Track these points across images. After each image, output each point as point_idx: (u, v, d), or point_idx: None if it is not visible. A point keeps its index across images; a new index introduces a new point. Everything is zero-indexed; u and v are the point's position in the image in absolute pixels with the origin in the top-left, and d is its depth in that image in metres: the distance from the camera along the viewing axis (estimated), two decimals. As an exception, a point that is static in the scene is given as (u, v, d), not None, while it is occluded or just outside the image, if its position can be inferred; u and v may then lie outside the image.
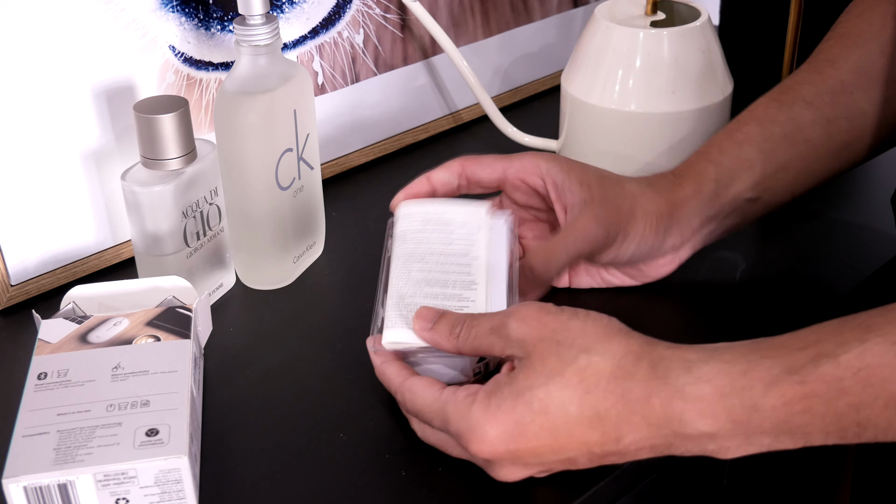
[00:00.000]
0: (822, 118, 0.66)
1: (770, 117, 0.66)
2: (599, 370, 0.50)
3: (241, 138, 0.67)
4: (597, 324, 0.52)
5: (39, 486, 0.51)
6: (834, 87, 0.66)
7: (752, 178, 0.66)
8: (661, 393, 0.49)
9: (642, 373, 0.49)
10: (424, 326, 0.56)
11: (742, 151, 0.66)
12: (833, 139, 0.66)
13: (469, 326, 0.54)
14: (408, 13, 0.87)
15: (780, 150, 0.66)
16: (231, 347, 0.67)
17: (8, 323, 0.70)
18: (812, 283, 0.72)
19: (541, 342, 0.51)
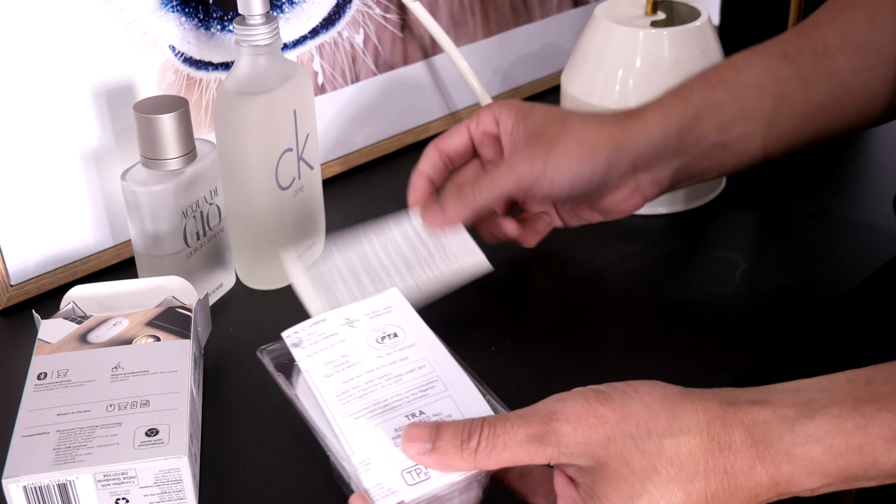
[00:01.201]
0: (800, 75, 0.65)
1: (748, 66, 0.65)
2: (692, 451, 0.44)
3: (241, 138, 0.67)
4: (655, 397, 0.46)
5: (39, 485, 0.50)
6: (816, 48, 0.65)
7: (719, 120, 0.64)
8: (766, 459, 0.44)
9: (738, 441, 0.45)
10: (422, 449, 0.46)
11: (713, 93, 0.65)
12: (810, 98, 0.65)
13: (492, 436, 0.45)
14: (408, 13, 0.87)
15: (752, 98, 0.65)
16: (231, 347, 0.67)
17: (8, 323, 0.70)
18: (812, 283, 0.72)
19: (611, 443, 0.44)
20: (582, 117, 0.65)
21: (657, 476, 0.44)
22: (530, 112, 0.65)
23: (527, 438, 0.45)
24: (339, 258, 0.65)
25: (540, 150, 0.63)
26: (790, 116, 0.65)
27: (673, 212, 0.81)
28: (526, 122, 0.65)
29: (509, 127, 0.65)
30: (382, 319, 0.54)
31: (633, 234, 0.79)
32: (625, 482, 0.44)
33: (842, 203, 0.82)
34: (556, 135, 0.63)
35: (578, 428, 0.44)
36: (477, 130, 0.67)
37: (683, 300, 0.71)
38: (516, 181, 0.63)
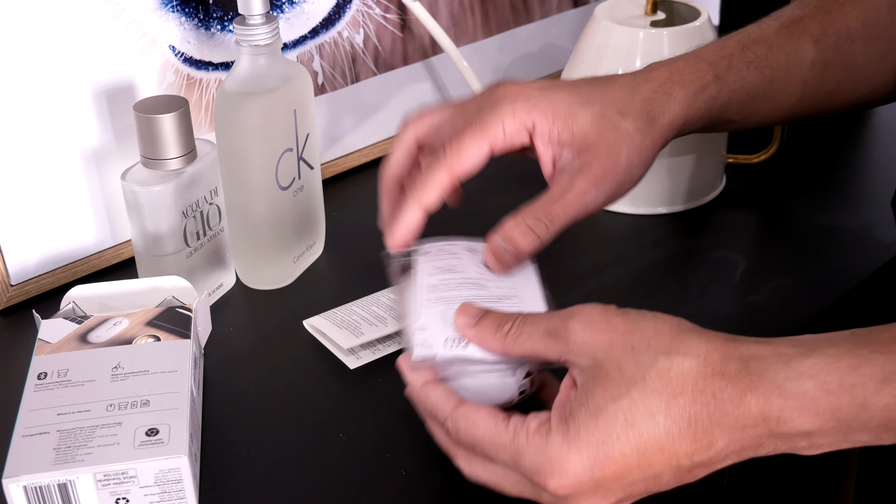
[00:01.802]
0: (821, 60, 0.64)
1: (779, 44, 0.64)
2: (684, 371, 0.45)
3: (241, 138, 0.67)
4: (668, 322, 0.47)
5: (39, 485, 0.51)
6: (839, 31, 0.64)
7: (744, 100, 0.63)
8: (758, 390, 0.44)
9: (733, 370, 0.45)
10: (468, 322, 0.51)
11: (748, 74, 0.63)
12: (823, 84, 0.65)
13: (521, 324, 0.49)
14: (408, 13, 0.87)
15: (777, 80, 0.64)
16: (231, 347, 0.67)
17: (8, 323, 0.70)
18: (812, 283, 0.72)
19: (612, 348, 0.46)
20: (632, 116, 0.59)
21: (643, 384, 0.45)
22: (570, 117, 0.58)
23: (545, 331, 0.48)
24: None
25: (609, 173, 0.57)
26: (801, 101, 0.65)
27: (673, 212, 0.81)
28: (573, 133, 0.58)
29: (546, 135, 0.58)
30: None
31: (634, 234, 0.79)
32: (612, 383, 0.45)
33: (841, 203, 0.82)
34: (618, 149, 0.58)
35: (588, 329, 0.47)
36: (503, 145, 0.58)
37: (683, 300, 0.71)
38: (584, 210, 0.57)
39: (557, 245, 0.77)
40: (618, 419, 0.45)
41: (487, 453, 0.48)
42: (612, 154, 0.58)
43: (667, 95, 0.60)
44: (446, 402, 0.50)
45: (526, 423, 0.47)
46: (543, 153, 0.59)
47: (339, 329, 0.66)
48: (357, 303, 0.69)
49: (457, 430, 0.49)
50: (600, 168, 0.57)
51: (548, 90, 0.59)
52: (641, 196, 0.80)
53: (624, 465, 0.45)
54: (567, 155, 0.58)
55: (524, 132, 0.58)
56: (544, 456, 0.46)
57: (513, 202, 0.59)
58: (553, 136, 0.58)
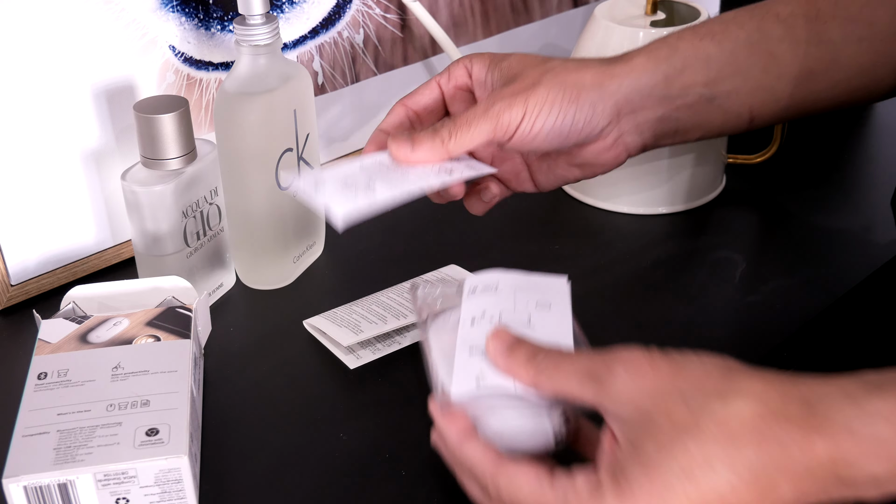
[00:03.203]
0: (791, 38, 0.63)
1: (738, 23, 0.63)
2: (742, 414, 0.41)
3: (241, 138, 0.67)
4: (716, 362, 0.44)
5: (39, 485, 0.51)
6: (809, 13, 0.63)
7: (706, 71, 0.61)
8: (825, 432, 0.40)
9: (795, 411, 0.41)
10: (500, 350, 0.48)
11: (701, 43, 0.62)
12: (799, 62, 0.63)
13: (557, 359, 0.46)
14: (408, 13, 0.87)
15: (742, 55, 0.62)
16: (231, 347, 0.67)
17: (8, 323, 0.70)
18: (812, 283, 0.72)
19: (659, 394, 0.43)
20: (563, 60, 0.61)
21: (699, 433, 0.41)
22: (505, 58, 0.61)
23: (583, 372, 0.45)
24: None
25: (519, 93, 0.58)
26: (779, 78, 0.63)
27: (673, 212, 0.81)
28: (501, 69, 0.60)
29: (483, 76, 0.61)
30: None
31: (633, 234, 0.79)
32: (662, 433, 0.42)
33: (841, 203, 0.82)
34: (537, 77, 0.58)
35: (631, 373, 0.44)
36: (448, 85, 0.63)
37: (683, 300, 0.71)
38: (494, 126, 0.57)
39: (557, 245, 0.77)
40: (673, 472, 0.41)
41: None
42: (527, 79, 0.58)
43: (612, 61, 0.61)
44: (486, 460, 0.47)
45: (573, 481, 0.44)
46: (479, 93, 0.62)
47: (339, 327, 0.66)
48: (357, 303, 0.69)
49: (498, 491, 0.46)
50: (511, 89, 0.58)
51: (500, 52, 0.63)
52: (641, 196, 0.80)
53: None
54: (493, 82, 0.61)
55: (466, 75, 0.62)
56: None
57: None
58: (487, 73, 0.61)
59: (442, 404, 0.48)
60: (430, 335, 0.53)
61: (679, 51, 0.61)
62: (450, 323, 0.53)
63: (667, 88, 0.61)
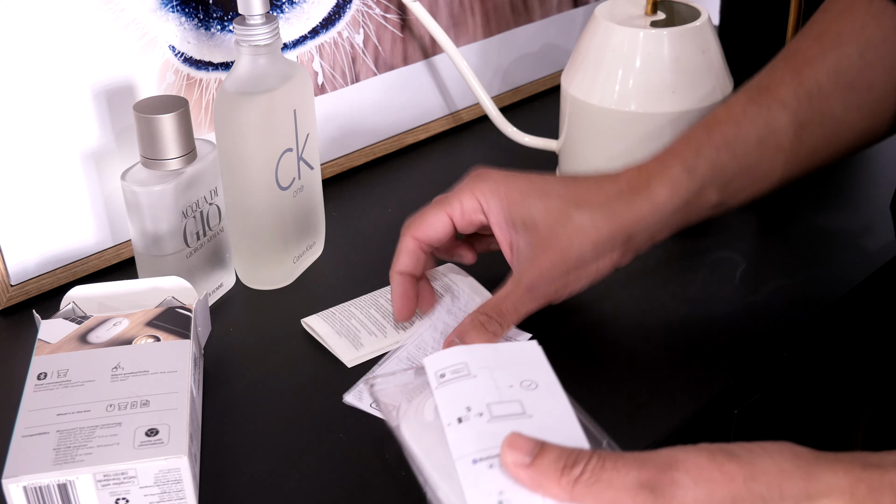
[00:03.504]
0: (796, 123, 0.63)
1: (748, 118, 0.63)
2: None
3: (241, 138, 0.67)
4: (784, 453, 0.41)
5: (39, 486, 0.50)
6: (811, 91, 0.63)
7: (721, 185, 0.63)
8: None
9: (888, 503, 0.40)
10: (521, 461, 0.42)
11: (718, 156, 0.62)
12: (803, 145, 0.64)
13: (598, 469, 0.41)
14: (408, 13, 0.87)
15: (753, 156, 0.63)
16: (231, 347, 0.67)
17: (8, 323, 0.70)
18: (812, 283, 0.72)
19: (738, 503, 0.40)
20: (588, 208, 0.59)
21: None
22: (523, 205, 0.60)
23: (637, 483, 0.40)
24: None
25: (558, 267, 0.58)
26: (784, 165, 0.64)
27: (673, 212, 0.81)
28: (525, 221, 0.59)
29: (502, 221, 0.61)
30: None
31: (633, 234, 0.79)
32: None
33: (841, 204, 0.82)
34: (569, 242, 0.58)
35: (700, 483, 0.39)
36: (461, 219, 0.62)
37: (683, 300, 0.71)
38: (539, 303, 0.59)
39: (557, 245, 0.77)
40: None
41: None
42: (560, 248, 0.58)
43: (633, 193, 0.61)
44: None
45: None
46: (498, 235, 0.61)
47: (340, 338, 0.66)
48: (354, 302, 0.69)
49: None
50: (548, 262, 0.58)
51: (513, 178, 0.61)
52: (641, 196, 0.80)
53: None
54: (520, 242, 0.60)
55: (479, 211, 0.61)
56: None
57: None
58: (507, 220, 0.60)
59: None
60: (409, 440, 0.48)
61: (698, 174, 0.62)
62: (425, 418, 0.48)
63: (686, 216, 0.63)
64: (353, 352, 0.65)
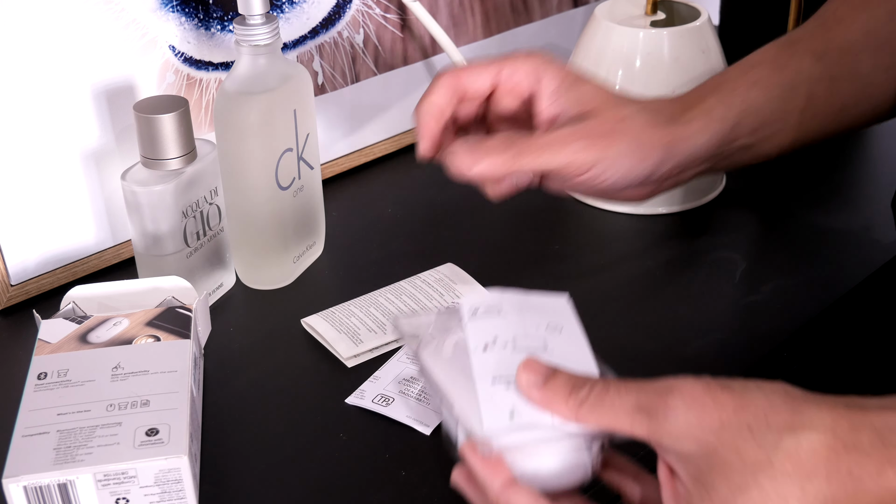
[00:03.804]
0: (827, 76, 0.64)
1: (781, 64, 0.63)
2: (814, 448, 0.40)
3: (241, 138, 0.67)
4: (777, 391, 0.42)
5: (39, 485, 0.51)
6: (842, 46, 0.64)
7: (753, 124, 0.62)
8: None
9: (867, 442, 0.40)
10: (534, 382, 0.45)
11: (752, 94, 0.62)
12: (834, 99, 0.64)
13: (602, 391, 0.44)
14: (408, 13, 0.87)
15: (786, 100, 0.63)
16: (231, 347, 0.67)
17: (8, 323, 0.70)
18: (812, 283, 0.72)
19: (724, 429, 0.41)
20: (637, 108, 0.59)
21: (771, 469, 0.40)
22: (578, 83, 0.58)
23: (636, 406, 0.43)
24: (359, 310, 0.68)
25: (598, 139, 0.57)
26: (814, 118, 0.64)
27: (672, 211, 0.81)
28: (577, 95, 0.58)
29: (552, 91, 0.58)
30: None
31: (633, 234, 0.79)
32: (735, 473, 0.40)
33: (841, 204, 0.82)
34: (613, 126, 0.57)
35: (692, 408, 0.41)
36: (509, 79, 0.59)
37: (683, 300, 0.71)
38: (565, 164, 0.56)
39: (557, 245, 0.77)
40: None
41: None
42: (609, 120, 0.57)
43: (674, 119, 0.60)
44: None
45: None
46: (542, 106, 0.58)
47: (339, 334, 0.66)
48: (354, 302, 0.69)
49: None
50: (594, 126, 0.57)
51: (571, 67, 0.60)
52: (641, 196, 0.80)
53: None
54: (567, 115, 0.58)
55: (533, 77, 0.58)
56: None
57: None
58: (557, 95, 0.58)
59: (481, 448, 0.45)
60: (430, 365, 0.50)
61: (733, 107, 0.62)
62: (447, 351, 0.50)
63: (718, 149, 0.62)
64: (353, 350, 0.65)
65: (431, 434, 0.59)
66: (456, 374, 0.48)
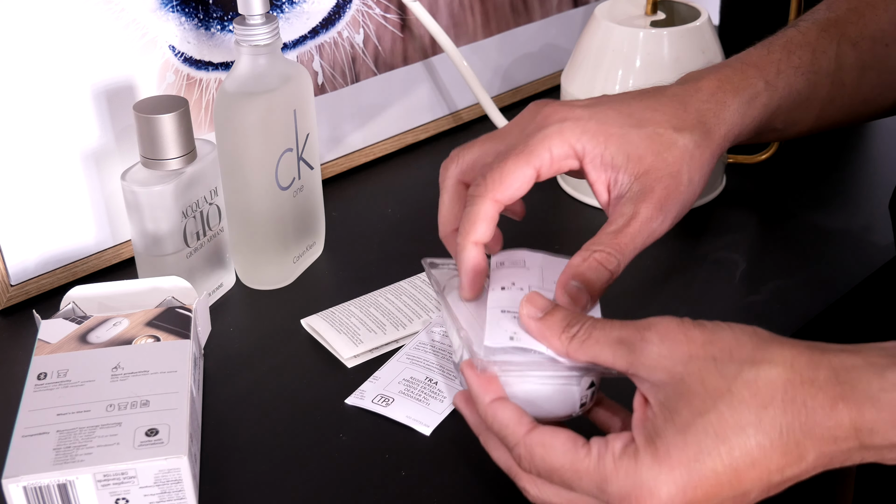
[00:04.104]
0: (859, 64, 0.63)
1: (822, 49, 0.62)
2: (772, 379, 0.43)
3: (241, 138, 0.67)
4: (746, 331, 0.45)
5: (39, 486, 0.51)
6: (875, 35, 0.63)
7: (790, 106, 0.61)
8: (850, 400, 0.42)
9: (822, 377, 0.43)
10: (533, 314, 0.48)
11: (795, 80, 0.60)
12: (861, 89, 0.63)
13: (590, 328, 0.47)
14: (408, 13, 0.87)
15: (820, 87, 0.62)
16: (231, 347, 0.67)
17: (8, 323, 0.70)
18: (812, 283, 0.72)
19: (692, 360, 0.44)
20: (689, 132, 0.55)
21: (730, 396, 0.43)
22: (622, 139, 0.54)
23: (617, 339, 0.46)
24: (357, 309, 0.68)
25: (672, 195, 0.54)
26: (841, 107, 0.64)
27: (673, 212, 0.81)
28: (628, 155, 0.54)
29: (599, 159, 0.54)
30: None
31: (633, 234, 0.79)
32: (696, 398, 0.43)
33: (841, 204, 0.82)
34: (678, 167, 0.54)
35: (665, 342, 0.45)
36: (549, 170, 0.54)
37: (683, 300, 0.71)
38: (651, 237, 0.54)
39: (557, 245, 0.77)
40: (708, 434, 0.43)
41: (567, 481, 0.46)
42: (672, 174, 0.54)
43: (721, 105, 0.58)
44: (518, 424, 0.47)
45: (609, 446, 0.45)
46: (596, 179, 0.55)
47: (339, 333, 0.66)
48: (354, 302, 0.69)
49: (531, 457, 0.46)
50: (663, 190, 0.54)
51: (596, 110, 0.55)
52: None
53: (716, 483, 0.43)
54: (623, 179, 0.54)
55: (572, 157, 0.54)
56: (634, 479, 0.43)
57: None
58: (606, 160, 0.54)
59: (476, 364, 0.48)
60: (452, 301, 0.54)
61: (777, 91, 0.60)
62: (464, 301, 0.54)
63: (756, 132, 0.61)
64: (353, 349, 0.65)
65: (431, 434, 0.59)
66: (472, 309, 0.52)
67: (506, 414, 0.47)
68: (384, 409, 0.60)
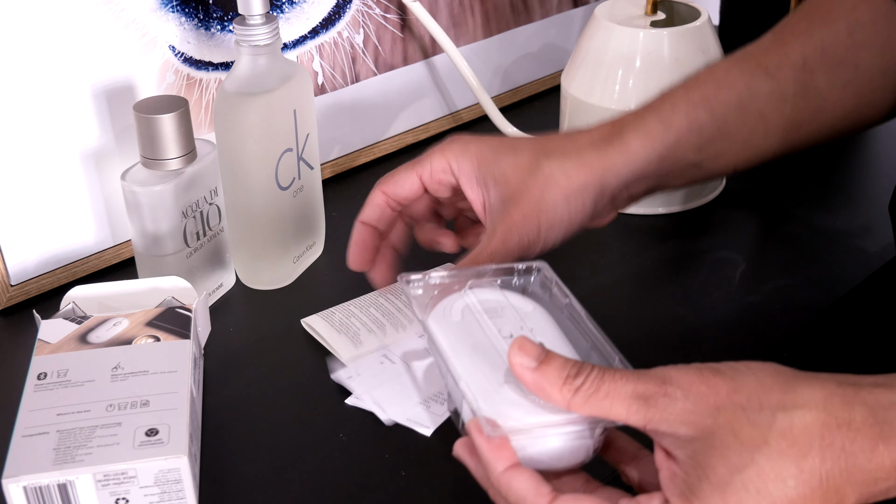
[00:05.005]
0: (779, 92, 0.63)
1: (729, 82, 0.63)
2: (808, 426, 0.42)
3: (241, 138, 0.67)
4: (767, 371, 0.44)
5: (39, 486, 0.51)
6: (795, 62, 0.63)
7: (698, 140, 0.61)
8: (890, 440, 0.42)
9: (860, 419, 0.42)
10: (526, 364, 0.45)
11: (695, 113, 0.61)
12: (785, 116, 0.63)
13: (598, 380, 0.44)
14: (408, 13, 0.87)
15: (732, 119, 0.62)
16: (231, 347, 0.67)
17: (8, 323, 0.70)
18: (812, 283, 0.72)
19: (720, 412, 0.42)
20: (558, 158, 0.59)
21: (767, 448, 0.42)
22: (493, 161, 0.60)
23: (633, 394, 0.43)
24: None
25: (529, 219, 0.58)
26: (765, 136, 0.64)
27: (672, 212, 0.81)
28: (495, 177, 0.59)
29: (473, 180, 0.60)
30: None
31: (633, 234, 0.79)
32: (732, 452, 0.42)
33: (840, 205, 0.82)
34: (540, 192, 0.58)
35: (689, 395, 0.43)
36: (431, 180, 0.62)
37: (683, 300, 0.71)
38: (512, 256, 0.58)
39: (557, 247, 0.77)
40: (749, 492, 0.41)
41: None
42: (531, 198, 0.58)
43: (606, 142, 0.60)
44: (538, 496, 0.44)
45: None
46: (470, 195, 0.61)
47: (339, 334, 0.66)
48: (354, 302, 0.69)
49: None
50: (519, 213, 0.58)
51: (484, 139, 0.62)
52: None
53: None
54: (492, 199, 0.60)
55: (448, 172, 0.61)
56: None
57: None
58: (479, 179, 0.60)
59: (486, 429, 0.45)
60: (437, 332, 0.51)
61: (673, 126, 0.61)
62: (453, 318, 0.52)
63: (660, 166, 0.62)
64: (353, 350, 0.65)
65: (431, 434, 0.59)
66: (463, 344, 0.49)
67: (522, 485, 0.44)
68: (384, 409, 0.60)
